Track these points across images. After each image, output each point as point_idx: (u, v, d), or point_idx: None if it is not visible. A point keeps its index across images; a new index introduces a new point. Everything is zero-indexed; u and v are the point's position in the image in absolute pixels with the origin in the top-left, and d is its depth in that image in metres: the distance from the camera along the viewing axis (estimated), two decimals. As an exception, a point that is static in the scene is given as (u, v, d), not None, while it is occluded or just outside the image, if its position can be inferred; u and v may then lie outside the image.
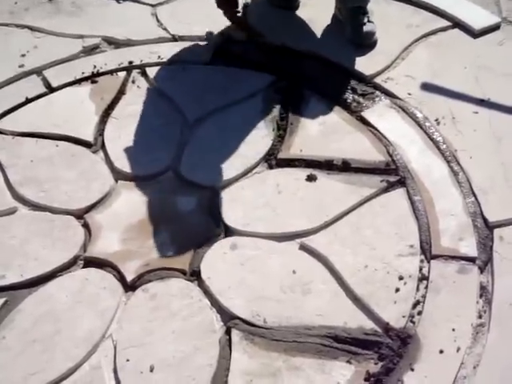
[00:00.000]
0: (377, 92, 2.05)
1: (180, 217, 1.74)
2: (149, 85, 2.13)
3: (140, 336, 1.49)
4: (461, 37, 2.22)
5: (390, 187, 1.76)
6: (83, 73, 2.18)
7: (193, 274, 1.62)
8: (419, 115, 1.95)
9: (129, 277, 1.61)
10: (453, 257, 1.60)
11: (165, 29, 2.35)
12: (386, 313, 1.49)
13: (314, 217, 1.69)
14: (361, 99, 2.03)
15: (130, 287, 1.60)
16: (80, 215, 1.76)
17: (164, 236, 1.69)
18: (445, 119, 1.93)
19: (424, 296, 1.53)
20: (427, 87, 2.04)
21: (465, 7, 2.30)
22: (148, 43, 2.29)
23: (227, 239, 1.67)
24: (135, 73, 2.18)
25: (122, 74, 2.17)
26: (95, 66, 2.20)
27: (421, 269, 1.58)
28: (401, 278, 1.56)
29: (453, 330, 1.46)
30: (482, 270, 1.58)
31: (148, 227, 1.72)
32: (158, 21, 2.40)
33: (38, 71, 2.21)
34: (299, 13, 2.36)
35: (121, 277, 1.62)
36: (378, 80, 2.08)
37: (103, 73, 2.18)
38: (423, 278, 1.56)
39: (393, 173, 1.80)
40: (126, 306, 1.55)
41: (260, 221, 1.70)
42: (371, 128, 1.93)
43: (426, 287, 1.54)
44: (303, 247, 1.64)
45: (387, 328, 1.47)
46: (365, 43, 2.18)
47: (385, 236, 1.65)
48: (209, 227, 1.71)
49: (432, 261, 1.59)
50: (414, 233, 1.65)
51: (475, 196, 1.72)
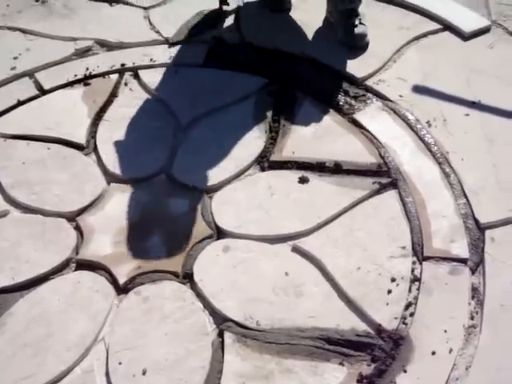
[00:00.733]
0: (368, 94, 2.06)
1: (172, 219, 1.73)
2: (141, 87, 2.13)
3: (132, 339, 1.49)
4: (452, 39, 2.23)
5: (382, 189, 1.77)
6: (75, 75, 2.18)
7: (185, 277, 1.61)
8: (411, 117, 1.96)
9: (121, 279, 1.60)
10: (444, 258, 1.60)
11: (157, 31, 2.35)
12: (379, 314, 1.50)
13: (307, 219, 1.70)
14: (353, 101, 2.03)
15: (123, 290, 1.59)
16: (72, 218, 1.75)
17: (156, 238, 1.69)
18: (436, 121, 1.94)
19: (416, 297, 1.53)
20: (418, 89, 2.05)
21: (455, 10, 2.31)
22: (140, 46, 2.29)
23: (220, 241, 1.67)
24: (128, 75, 2.18)
25: (115, 77, 2.17)
26: (88, 69, 2.20)
27: (413, 270, 1.59)
28: (393, 280, 1.56)
29: (445, 332, 1.46)
30: (474, 272, 1.59)
31: (140, 230, 1.71)
32: (151, 23, 2.40)
33: (30, 74, 2.20)
34: (291, 16, 2.36)
35: (113, 279, 1.61)
36: (370, 82, 2.09)
37: (96, 75, 2.18)
38: (415, 280, 1.57)
39: (385, 175, 1.80)
40: (119, 309, 1.55)
41: (252, 223, 1.70)
42: (363, 130, 1.93)
43: (418, 289, 1.55)
44: (296, 249, 1.65)
45: (380, 330, 1.47)
46: (357, 45, 2.19)
47: (377, 238, 1.65)
48: (201, 229, 1.70)
49: (424, 262, 1.60)
50: (406, 234, 1.66)
51: (467, 197, 1.73)
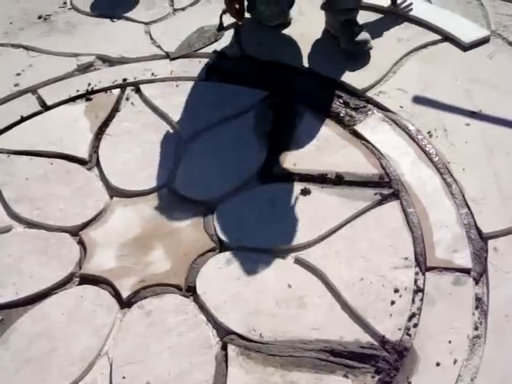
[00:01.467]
0: (369, 106, 2.07)
1: (175, 232, 1.74)
2: (143, 102, 2.15)
3: (136, 353, 1.48)
4: (451, 50, 2.24)
5: (384, 200, 1.77)
6: (78, 91, 2.19)
7: (188, 290, 1.62)
8: (411, 128, 1.97)
9: (124, 293, 1.60)
10: (447, 268, 1.60)
11: (158, 46, 2.37)
12: (382, 326, 1.49)
13: (309, 230, 1.70)
14: (353, 113, 2.04)
15: (126, 304, 1.59)
16: (75, 232, 1.76)
17: (159, 252, 1.69)
18: (437, 131, 1.94)
19: (419, 308, 1.53)
20: (419, 100, 2.06)
21: (454, 21, 2.33)
22: (142, 60, 2.31)
23: (222, 254, 1.68)
24: (129, 90, 2.19)
25: (117, 92, 2.19)
26: (89, 84, 2.21)
27: (416, 281, 1.58)
28: (396, 291, 1.56)
29: (449, 342, 1.46)
30: (477, 282, 1.58)
31: (143, 243, 1.72)
32: (152, 38, 2.42)
33: (33, 90, 2.22)
34: (291, 29, 2.38)
35: (116, 293, 1.61)
36: (370, 94, 2.09)
37: (97, 90, 2.20)
38: (418, 291, 1.57)
39: (386, 185, 1.81)
40: (122, 323, 1.55)
41: (255, 235, 1.70)
42: (364, 141, 1.94)
43: (422, 299, 1.54)
44: (298, 261, 1.65)
45: (383, 341, 1.47)
46: (361, 51, 2.21)
47: (379, 249, 1.65)
48: (204, 242, 1.71)
49: (427, 273, 1.60)
50: (409, 245, 1.66)
51: (469, 207, 1.73)
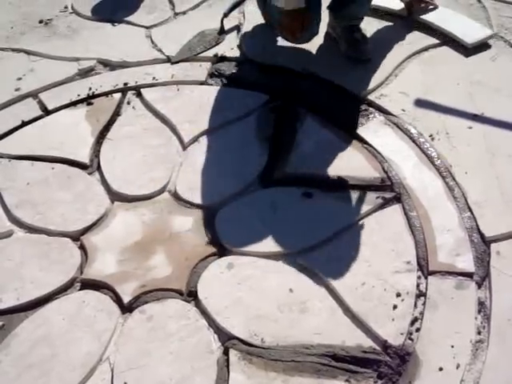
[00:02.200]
0: (371, 109, 2.06)
1: (176, 237, 1.73)
2: (144, 106, 2.14)
3: (137, 358, 1.48)
4: (453, 53, 2.24)
5: (386, 203, 1.76)
6: (79, 95, 2.19)
7: (190, 295, 1.61)
8: (413, 131, 1.96)
9: (125, 298, 1.60)
10: (450, 272, 1.59)
11: (159, 50, 2.37)
12: (384, 330, 1.49)
13: (310, 235, 1.69)
14: (355, 116, 2.03)
15: (127, 309, 1.59)
16: (76, 237, 1.76)
17: (160, 257, 1.69)
18: (439, 135, 1.94)
19: (422, 313, 1.52)
20: (421, 103, 2.06)
21: (457, 20, 2.32)
22: (143, 64, 2.31)
23: (224, 259, 1.67)
24: (130, 94, 2.19)
25: (118, 96, 2.19)
26: (91, 88, 2.21)
27: (418, 285, 1.58)
28: (398, 295, 1.55)
29: (452, 347, 1.45)
30: (480, 286, 1.58)
31: (144, 248, 1.71)
32: (153, 42, 2.42)
33: (34, 94, 2.22)
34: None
35: (118, 298, 1.61)
36: (372, 97, 2.09)
37: (98, 95, 2.19)
38: (421, 295, 1.56)
39: (388, 189, 1.80)
40: (123, 328, 1.54)
41: (256, 240, 1.70)
42: (366, 145, 1.93)
43: (424, 304, 1.54)
44: (300, 265, 1.64)
45: (386, 346, 1.46)
46: (361, 58, 2.20)
47: (381, 253, 1.65)
48: (205, 247, 1.70)
49: (429, 277, 1.59)
50: (411, 249, 1.65)
51: (471, 211, 1.73)
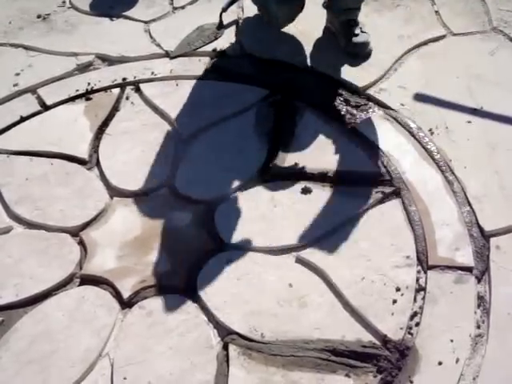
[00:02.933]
0: (370, 103, 2.06)
1: (176, 232, 1.73)
2: (143, 101, 2.14)
3: (137, 353, 1.48)
4: (452, 47, 2.23)
5: (385, 198, 1.76)
6: (77, 90, 2.19)
7: (189, 290, 1.61)
8: (413, 125, 1.96)
9: (125, 294, 1.60)
10: (449, 267, 1.59)
11: (158, 45, 2.36)
12: (384, 325, 1.49)
13: (310, 229, 1.69)
14: (354, 111, 2.03)
15: (127, 304, 1.59)
16: (75, 233, 1.75)
17: (160, 252, 1.69)
18: (438, 129, 1.94)
19: (421, 307, 1.52)
20: (420, 97, 2.05)
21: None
22: (141, 59, 2.30)
23: (223, 254, 1.67)
24: (129, 89, 2.19)
25: (116, 91, 2.18)
26: (89, 84, 2.20)
27: (418, 279, 1.58)
28: (398, 290, 1.55)
29: (451, 341, 1.45)
30: (480, 280, 1.58)
31: (144, 243, 1.71)
32: (151, 37, 2.41)
33: (33, 90, 2.21)
34: (291, 27, 2.37)
35: (117, 294, 1.61)
36: (371, 91, 2.08)
37: (97, 90, 2.19)
38: (420, 289, 1.56)
39: (387, 184, 1.80)
40: (123, 324, 1.55)
41: (255, 235, 1.70)
42: (365, 139, 1.93)
43: (424, 298, 1.54)
44: (299, 260, 1.64)
45: (385, 340, 1.47)
46: (361, 53, 2.20)
47: (381, 247, 1.65)
48: (204, 242, 1.70)
49: (429, 271, 1.59)
50: (410, 243, 1.65)
51: (470, 205, 1.72)
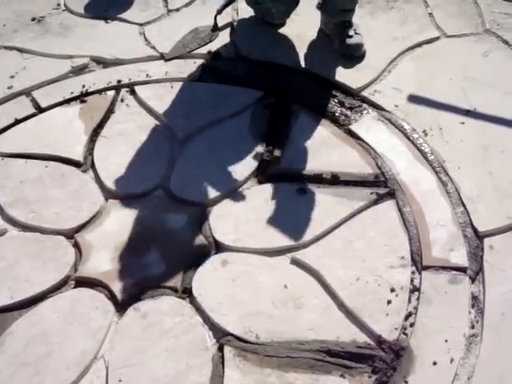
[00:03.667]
0: (364, 105, 2.06)
1: (171, 234, 1.73)
2: (138, 103, 2.14)
3: (132, 355, 1.48)
4: (446, 49, 2.24)
5: (380, 199, 1.77)
6: (72, 93, 2.19)
7: (184, 292, 1.61)
8: (407, 127, 1.97)
9: (120, 296, 1.60)
10: (444, 267, 1.60)
11: (153, 47, 2.36)
12: (379, 325, 1.49)
13: (305, 231, 1.70)
14: (349, 112, 2.04)
15: (122, 306, 1.59)
16: (70, 235, 1.75)
17: (155, 254, 1.69)
18: (432, 130, 1.94)
19: (416, 307, 1.53)
20: (414, 99, 2.06)
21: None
22: (136, 62, 2.30)
23: (218, 255, 1.67)
24: (124, 91, 2.19)
25: (111, 93, 2.18)
26: (84, 86, 2.20)
27: (412, 280, 1.58)
28: (392, 290, 1.56)
29: (446, 341, 1.46)
30: (474, 280, 1.59)
31: (139, 245, 1.71)
32: (146, 39, 2.41)
33: (27, 92, 2.21)
34: (286, 28, 2.38)
35: (112, 296, 1.61)
36: (366, 93, 2.09)
37: (92, 92, 2.19)
38: (415, 290, 1.57)
39: (382, 185, 1.81)
40: (118, 326, 1.55)
41: (251, 236, 1.70)
42: (359, 141, 1.94)
43: (418, 298, 1.55)
44: (294, 261, 1.64)
45: (380, 341, 1.47)
46: (354, 55, 2.21)
47: (376, 248, 1.65)
48: (199, 244, 1.70)
49: (423, 272, 1.60)
50: (405, 244, 1.66)
51: (464, 206, 1.73)
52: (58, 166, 1.94)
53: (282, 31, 2.37)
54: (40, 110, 2.15)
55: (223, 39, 2.36)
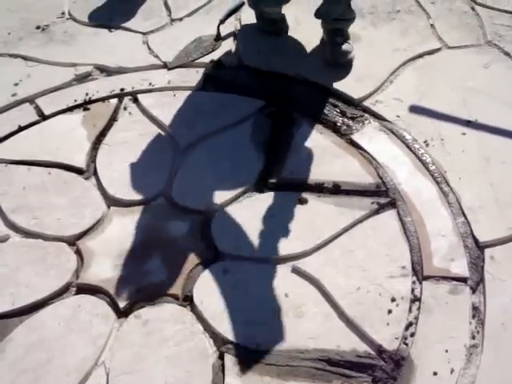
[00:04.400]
0: (366, 115, 2.07)
1: (172, 242, 1.74)
2: (140, 111, 2.15)
3: (133, 363, 1.48)
4: (448, 60, 2.25)
5: (381, 209, 1.77)
6: (75, 100, 2.20)
7: (185, 299, 1.62)
8: (408, 137, 1.97)
9: (121, 303, 1.60)
10: (444, 277, 1.60)
11: (156, 56, 2.38)
12: (379, 335, 1.49)
13: (306, 240, 1.70)
14: (350, 122, 2.05)
15: (123, 313, 1.59)
16: (72, 242, 1.76)
17: (156, 261, 1.69)
18: (433, 141, 1.95)
19: (416, 317, 1.53)
20: (415, 109, 2.07)
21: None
22: (139, 70, 2.32)
23: (219, 263, 1.68)
24: (127, 100, 2.20)
25: (114, 101, 2.19)
26: (87, 94, 2.22)
27: (413, 290, 1.59)
28: (393, 300, 1.56)
29: (446, 352, 1.46)
30: (474, 290, 1.59)
31: (140, 253, 1.72)
32: (149, 48, 2.43)
33: (31, 99, 2.23)
34: (288, 38, 2.39)
35: (113, 303, 1.61)
36: (367, 103, 2.10)
37: (95, 100, 2.20)
38: (415, 299, 1.57)
39: (383, 194, 1.81)
40: (119, 333, 1.55)
41: (252, 245, 1.70)
42: (361, 151, 1.94)
43: (419, 308, 1.55)
44: (295, 270, 1.65)
45: (380, 350, 1.47)
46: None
47: (376, 258, 1.65)
48: (201, 252, 1.71)
49: (424, 282, 1.60)
50: (406, 254, 1.66)
51: (465, 216, 1.74)
52: (61, 173, 1.95)
53: (285, 40, 2.38)
54: (43, 118, 2.16)
55: (226, 48, 2.37)
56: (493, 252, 1.65)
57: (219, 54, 2.34)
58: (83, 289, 1.66)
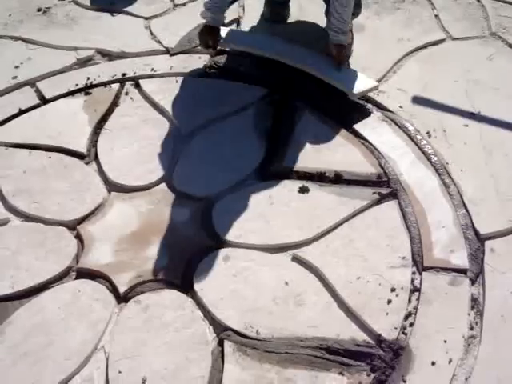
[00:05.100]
0: (369, 105, 2.07)
1: (173, 228, 1.74)
2: (142, 97, 2.14)
3: (132, 348, 1.48)
4: (451, 51, 2.25)
5: (382, 199, 1.77)
6: (77, 84, 2.19)
7: (185, 286, 1.61)
8: (410, 128, 1.97)
9: (121, 288, 1.60)
10: (444, 268, 1.61)
11: (158, 41, 2.37)
12: (378, 324, 1.50)
13: (307, 229, 1.70)
14: (353, 112, 2.04)
15: (123, 299, 1.59)
16: (73, 226, 1.76)
17: (157, 247, 1.69)
18: (436, 132, 1.95)
19: (416, 308, 1.54)
20: (418, 100, 2.07)
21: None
22: (141, 55, 2.31)
23: (220, 251, 1.68)
24: (128, 85, 2.19)
25: (116, 86, 2.18)
26: (89, 78, 2.21)
27: (413, 280, 1.59)
28: (393, 290, 1.56)
29: (445, 342, 1.46)
30: (474, 282, 1.59)
31: (141, 239, 1.72)
32: (152, 33, 2.41)
33: (32, 83, 2.21)
34: (291, 26, 2.38)
35: (113, 288, 1.61)
36: (370, 93, 2.09)
37: (97, 85, 2.19)
38: (415, 290, 1.57)
39: (384, 185, 1.81)
40: (119, 318, 1.55)
41: (252, 232, 1.70)
42: (363, 140, 1.94)
43: (418, 299, 1.55)
44: (296, 259, 1.65)
45: (379, 339, 1.48)
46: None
47: (377, 248, 1.66)
48: (201, 239, 1.71)
49: (424, 272, 1.60)
50: (406, 245, 1.66)
51: (466, 208, 1.74)
52: (62, 158, 1.94)
53: (287, 28, 2.37)
54: (44, 101, 2.15)
55: (229, 35, 2.36)
56: (493, 244, 1.66)
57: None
58: (83, 273, 1.65)
